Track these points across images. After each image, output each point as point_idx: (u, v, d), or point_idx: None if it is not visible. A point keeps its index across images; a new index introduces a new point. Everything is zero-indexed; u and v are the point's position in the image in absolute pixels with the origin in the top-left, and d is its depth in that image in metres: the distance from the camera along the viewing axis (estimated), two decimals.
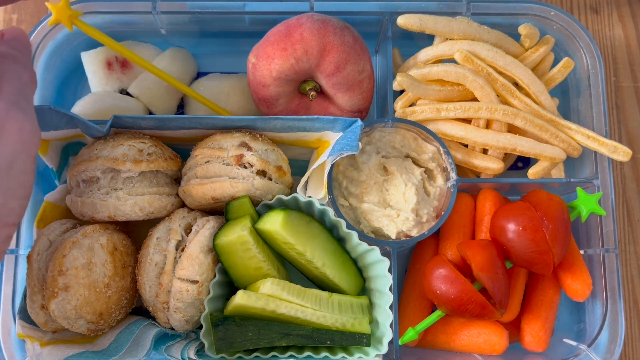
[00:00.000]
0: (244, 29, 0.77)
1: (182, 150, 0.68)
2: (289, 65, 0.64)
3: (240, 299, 0.58)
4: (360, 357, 0.61)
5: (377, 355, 0.61)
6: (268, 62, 0.64)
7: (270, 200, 0.63)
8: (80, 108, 0.74)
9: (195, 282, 0.59)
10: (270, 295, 0.59)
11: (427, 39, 0.74)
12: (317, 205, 0.63)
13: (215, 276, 0.61)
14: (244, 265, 0.60)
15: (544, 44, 0.72)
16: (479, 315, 0.62)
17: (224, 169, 0.61)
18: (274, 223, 0.60)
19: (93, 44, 0.77)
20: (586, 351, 0.67)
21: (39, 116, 0.64)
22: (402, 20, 0.70)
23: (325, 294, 0.62)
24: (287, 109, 0.69)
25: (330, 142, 0.67)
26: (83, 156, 0.63)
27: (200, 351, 0.61)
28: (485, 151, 0.71)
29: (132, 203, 0.60)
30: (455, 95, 0.70)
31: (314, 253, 0.62)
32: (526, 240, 0.62)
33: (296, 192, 0.65)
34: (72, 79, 0.79)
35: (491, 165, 0.69)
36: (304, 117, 0.63)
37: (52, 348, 0.61)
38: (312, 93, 0.67)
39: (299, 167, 0.72)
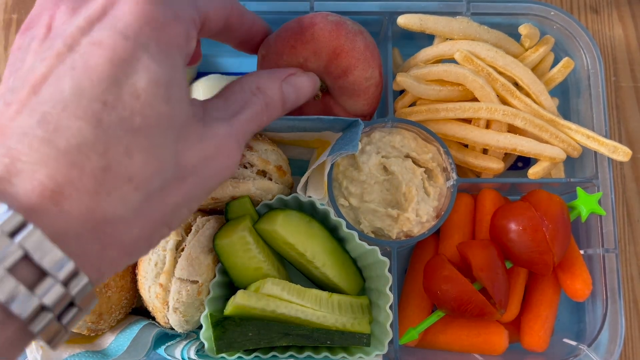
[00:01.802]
0: None
1: None
2: (297, 64, 0.63)
3: (240, 299, 0.58)
4: (360, 357, 0.61)
5: (377, 355, 0.61)
6: (276, 58, 0.63)
7: (270, 200, 0.63)
8: None
9: (195, 282, 0.59)
10: (270, 295, 0.59)
11: (427, 39, 0.74)
12: (318, 205, 0.63)
13: (215, 276, 0.61)
14: (244, 266, 0.60)
15: (544, 44, 0.72)
16: (479, 315, 0.62)
17: None
18: (274, 223, 0.60)
19: None
20: (586, 351, 0.67)
21: None
22: (402, 20, 0.70)
23: (325, 294, 0.62)
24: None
25: (330, 142, 0.67)
26: None
27: (200, 351, 0.61)
28: (485, 151, 0.71)
29: None
30: (455, 95, 0.70)
31: (314, 253, 0.62)
32: (526, 240, 0.62)
33: (296, 192, 0.65)
34: None
35: (491, 165, 0.69)
36: (304, 117, 0.63)
37: None
38: (318, 93, 0.66)
39: (299, 167, 0.72)
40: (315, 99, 0.67)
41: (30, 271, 0.30)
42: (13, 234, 0.30)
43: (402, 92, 0.74)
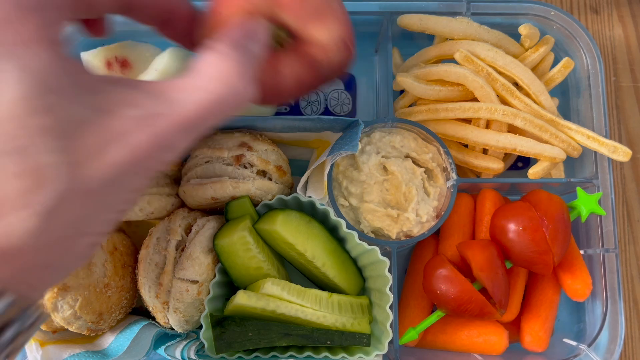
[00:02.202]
0: None
1: None
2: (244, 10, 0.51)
3: (241, 299, 0.58)
4: (360, 357, 0.61)
5: (377, 355, 0.61)
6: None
7: (270, 200, 0.63)
8: None
9: (195, 282, 0.59)
10: (271, 295, 0.59)
11: (427, 39, 0.74)
12: (318, 205, 0.63)
13: (215, 276, 0.61)
14: (244, 265, 0.60)
15: (544, 44, 0.72)
16: (479, 315, 0.62)
17: (224, 168, 0.61)
18: (274, 223, 0.60)
19: (93, 44, 0.77)
20: (586, 351, 0.67)
21: None
22: (402, 20, 0.70)
23: (325, 294, 0.62)
24: (263, 71, 0.54)
25: (330, 142, 0.67)
26: None
27: (200, 351, 0.61)
28: (485, 151, 0.71)
29: None
30: (455, 95, 0.70)
31: (314, 253, 0.62)
32: (526, 240, 0.62)
33: (296, 192, 0.65)
34: None
35: (491, 165, 0.69)
36: (304, 116, 0.63)
37: (52, 348, 0.61)
38: (281, 36, 0.53)
39: (299, 167, 0.72)
40: (284, 46, 0.54)
41: None
42: None
43: (402, 92, 0.74)
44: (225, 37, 0.43)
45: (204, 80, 0.39)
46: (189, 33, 0.53)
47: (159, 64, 0.76)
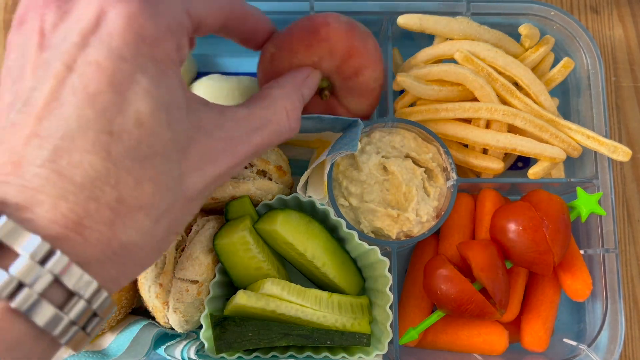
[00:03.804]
0: None
1: None
2: (311, 62, 0.62)
3: (240, 299, 0.58)
4: (360, 357, 0.61)
5: (377, 355, 0.61)
6: (290, 56, 0.62)
7: (270, 200, 0.63)
8: None
9: (195, 282, 0.59)
10: (270, 295, 0.59)
11: (427, 39, 0.74)
12: (318, 205, 0.63)
13: (215, 276, 0.61)
14: (244, 265, 0.60)
15: (544, 44, 0.72)
16: (479, 315, 0.62)
17: None
18: (274, 223, 0.60)
19: None
20: (586, 351, 0.67)
21: None
22: (402, 20, 0.70)
23: (325, 294, 0.62)
24: None
25: (330, 142, 0.67)
26: None
27: (200, 351, 0.61)
28: (485, 151, 0.71)
29: None
30: (455, 95, 0.70)
31: (314, 253, 0.62)
32: (526, 240, 0.62)
33: (296, 192, 0.65)
34: None
35: (491, 165, 0.69)
36: (304, 116, 0.63)
37: None
38: (326, 92, 0.65)
39: (299, 167, 0.72)
40: (322, 99, 0.66)
41: (59, 293, 0.33)
42: (43, 261, 0.32)
43: (402, 92, 0.74)
44: (290, 80, 0.55)
45: (273, 115, 0.49)
46: (263, 44, 0.63)
47: None
